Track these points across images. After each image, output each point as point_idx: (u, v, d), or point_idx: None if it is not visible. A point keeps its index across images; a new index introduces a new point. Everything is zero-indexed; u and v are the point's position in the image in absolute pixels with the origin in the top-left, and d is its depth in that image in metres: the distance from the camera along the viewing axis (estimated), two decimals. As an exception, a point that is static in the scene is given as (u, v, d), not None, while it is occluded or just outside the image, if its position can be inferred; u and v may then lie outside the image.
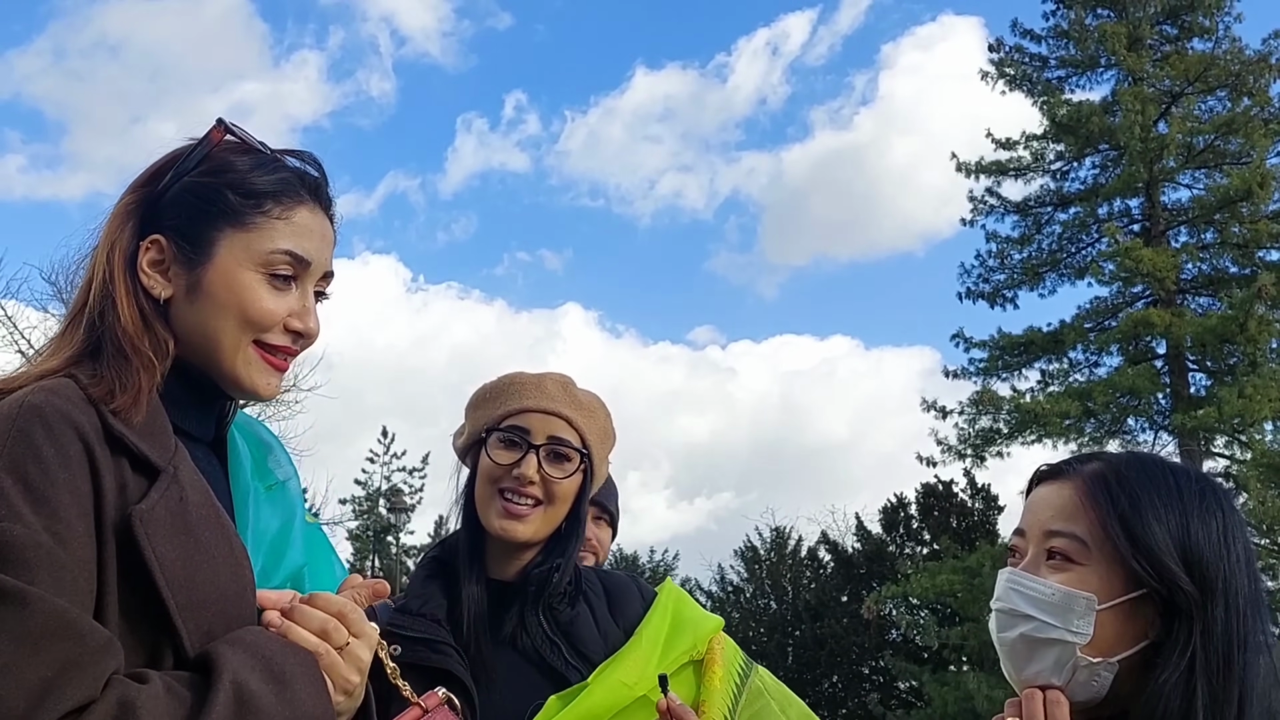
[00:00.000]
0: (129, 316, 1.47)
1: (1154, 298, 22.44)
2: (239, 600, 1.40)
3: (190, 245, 1.50)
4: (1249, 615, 1.48)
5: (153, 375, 1.45)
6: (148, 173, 1.56)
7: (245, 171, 1.53)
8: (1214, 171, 23.06)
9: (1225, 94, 22.97)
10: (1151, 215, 23.03)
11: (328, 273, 1.60)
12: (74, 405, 1.37)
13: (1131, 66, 22.81)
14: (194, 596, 1.35)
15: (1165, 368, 22.53)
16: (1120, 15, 23.63)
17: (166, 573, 1.33)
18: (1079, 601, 1.48)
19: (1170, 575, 1.46)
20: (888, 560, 28.23)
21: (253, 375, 1.53)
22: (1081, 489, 1.54)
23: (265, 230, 1.51)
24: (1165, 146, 22.03)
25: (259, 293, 1.51)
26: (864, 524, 30.22)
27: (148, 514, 1.34)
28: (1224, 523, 1.52)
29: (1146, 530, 1.48)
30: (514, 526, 2.09)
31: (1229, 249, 22.62)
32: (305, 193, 1.56)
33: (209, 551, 1.39)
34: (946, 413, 23.57)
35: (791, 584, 30.99)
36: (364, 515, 35.65)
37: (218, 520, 1.43)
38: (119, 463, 1.37)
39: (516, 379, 2.19)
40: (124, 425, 1.39)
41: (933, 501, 28.69)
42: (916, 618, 25.29)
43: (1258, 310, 20.12)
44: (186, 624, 1.34)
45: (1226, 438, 21.82)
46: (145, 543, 1.32)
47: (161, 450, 1.41)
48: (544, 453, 2.11)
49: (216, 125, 1.55)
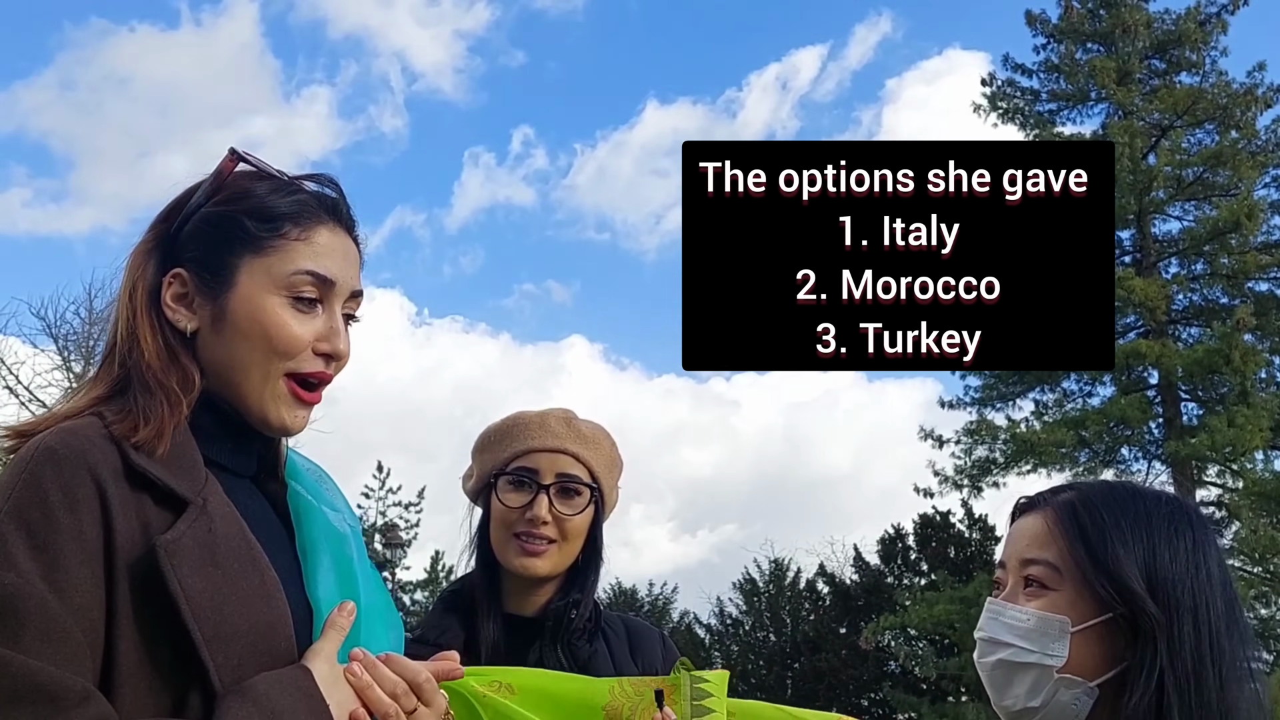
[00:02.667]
0: (153, 351, 1.46)
1: (1145, 328, 22.60)
2: (270, 633, 1.38)
3: (211, 275, 1.49)
4: (1223, 635, 1.50)
5: (177, 408, 1.44)
6: (164, 210, 1.56)
7: (261, 197, 1.52)
8: (1203, 203, 23.27)
9: (1213, 127, 23.19)
10: (1142, 246, 23.21)
11: (356, 292, 1.57)
12: (91, 444, 1.36)
13: (1121, 100, 23.06)
14: (222, 629, 1.33)
15: (1158, 397, 22.67)
16: (1109, 50, 23.90)
17: (193, 604, 1.32)
18: (1053, 625, 1.52)
19: (1134, 598, 1.49)
20: (886, 591, 28.21)
21: (280, 409, 1.50)
22: (1053, 517, 1.58)
23: (284, 252, 1.49)
24: (1155, 179, 22.24)
25: (283, 316, 1.48)
26: (862, 555, 30.25)
27: (173, 545, 1.33)
28: (1193, 543, 1.54)
29: (1110, 553, 1.52)
30: (533, 564, 2.13)
31: (1219, 280, 22.79)
32: (323, 213, 1.54)
33: (238, 583, 1.37)
34: (943, 442, 23.70)
35: (790, 616, 30.92)
36: (361, 551, 35.58)
37: (249, 553, 1.41)
38: (140, 499, 1.36)
39: (520, 419, 2.22)
40: (147, 460, 1.38)
41: (930, 532, 28.70)
42: (915, 649, 25.27)
43: (1242, 341, 20.28)
44: (215, 657, 1.32)
45: (1218, 467, 21.92)
46: (170, 573, 1.31)
47: (190, 482, 1.40)
48: (554, 491, 2.14)
49: (229, 155, 1.53)
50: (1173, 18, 23.91)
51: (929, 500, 24.97)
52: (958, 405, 24.31)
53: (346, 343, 1.54)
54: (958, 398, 24.32)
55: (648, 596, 34.27)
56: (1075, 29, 24.24)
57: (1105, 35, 23.99)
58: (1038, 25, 24.84)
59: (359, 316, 1.58)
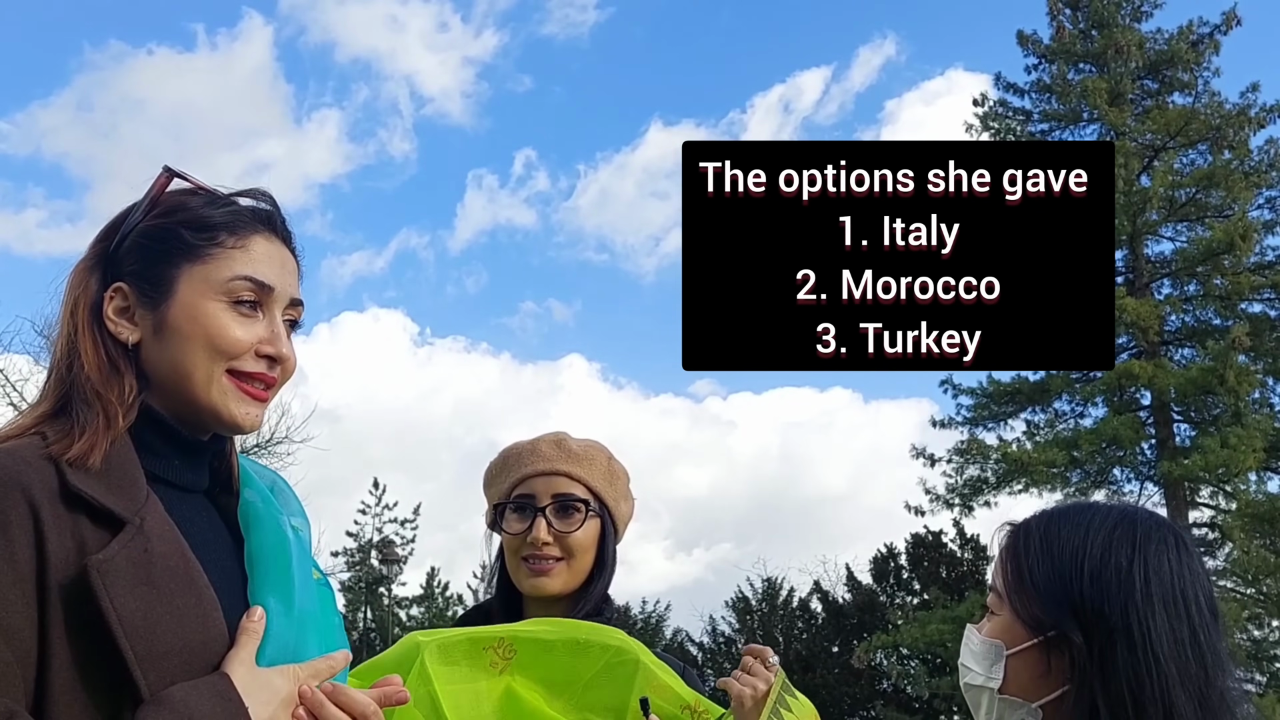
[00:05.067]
0: (94, 364, 1.48)
1: (1138, 349, 22.64)
2: (205, 651, 1.39)
3: (151, 286, 1.52)
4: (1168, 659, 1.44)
5: (115, 420, 1.45)
6: (104, 229, 1.59)
7: (196, 209, 1.55)
8: (1196, 224, 23.35)
9: (1206, 147, 23.29)
10: (1135, 267, 23.28)
11: (296, 300, 1.60)
12: (27, 465, 1.37)
13: (1114, 121, 23.14)
14: (155, 647, 1.35)
15: (1150, 418, 22.69)
16: (1102, 70, 24.01)
17: (125, 623, 1.33)
18: (992, 649, 1.56)
19: (1055, 620, 1.49)
20: (878, 610, 28.19)
21: (229, 405, 1.52)
22: (1003, 542, 1.61)
23: (222, 259, 1.52)
24: (1148, 200, 22.29)
25: (223, 320, 1.51)
26: (854, 574, 30.23)
27: (105, 564, 1.34)
28: (1131, 560, 1.49)
29: (1033, 577, 1.52)
30: (543, 583, 2.18)
31: (1211, 301, 22.84)
32: (258, 224, 1.57)
33: (173, 602, 1.38)
34: (935, 461, 23.70)
35: (783, 635, 30.88)
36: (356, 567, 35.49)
37: (186, 571, 1.42)
38: (76, 519, 1.37)
39: (513, 450, 2.28)
40: (84, 479, 1.39)
41: (922, 551, 28.72)
42: (907, 668, 25.25)
43: (1236, 361, 20.33)
44: (147, 675, 1.33)
45: (1211, 488, 21.94)
46: (101, 592, 1.32)
47: (128, 501, 1.41)
48: (550, 512, 2.19)
49: (163, 172, 1.57)
50: (1165, 38, 24.05)
51: (921, 519, 24.96)
52: (949, 424, 24.34)
53: (289, 346, 1.57)
54: (949, 417, 24.35)
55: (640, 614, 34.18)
56: (1067, 49, 24.35)
57: (1097, 56, 24.10)
58: (1029, 46, 24.97)
59: (302, 323, 1.62)
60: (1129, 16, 24.29)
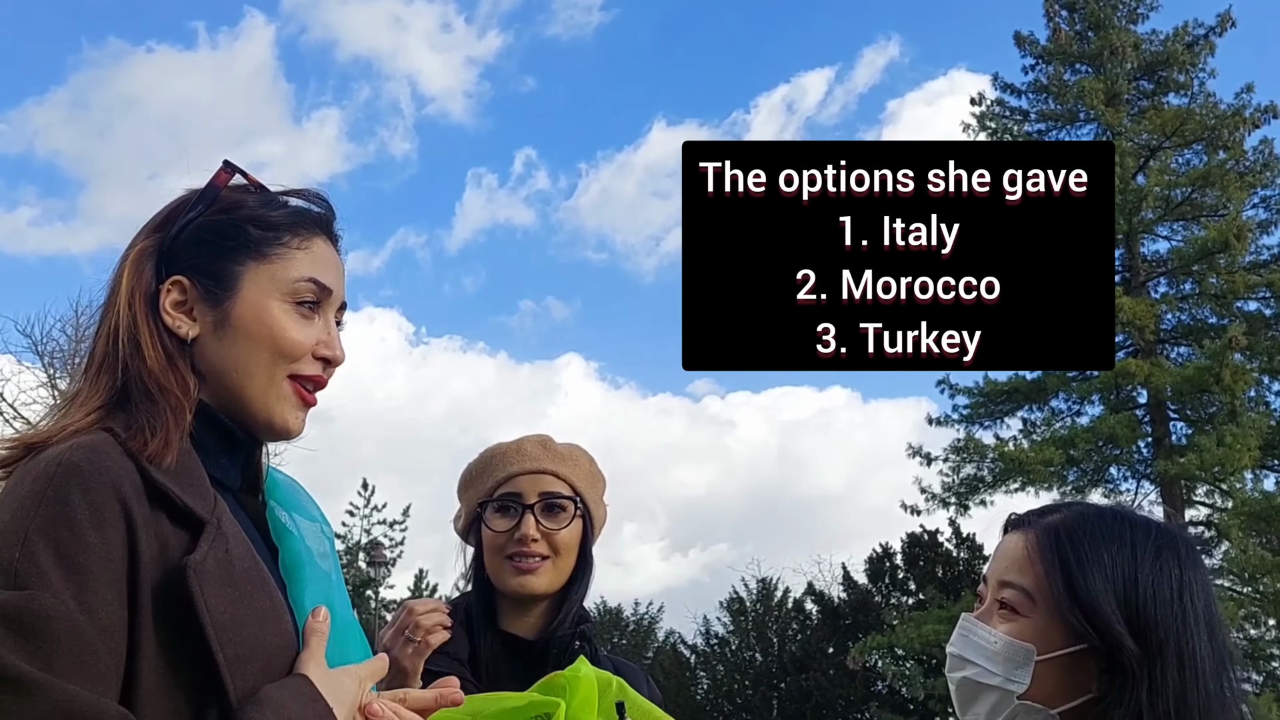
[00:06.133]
0: (154, 357, 1.46)
1: (1135, 347, 22.68)
2: (281, 655, 1.40)
3: (214, 281, 1.50)
4: (1209, 677, 1.47)
5: (181, 415, 1.44)
6: (157, 218, 1.56)
7: (257, 207, 1.55)
8: (1192, 224, 23.41)
9: (1201, 147, 23.35)
10: (1131, 266, 23.32)
11: (344, 304, 1.61)
12: (114, 462, 1.36)
13: (1110, 121, 23.19)
14: (241, 651, 1.35)
15: (1146, 416, 22.74)
16: (1098, 70, 24.06)
17: (217, 626, 1.33)
18: (1019, 651, 1.52)
19: (1112, 633, 1.47)
20: (874, 611, 28.20)
21: (284, 411, 1.52)
22: (1034, 542, 1.57)
23: (287, 260, 1.52)
24: (1144, 199, 22.34)
25: (288, 321, 1.51)
26: (850, 574, 30.23)
27: (200, 566, 1.34)
28: (1180, 580, 1.51)
29: (1089, 586, 1.50)
30: (529, 581, 2.18)
31: (1207, 300, 22.91)
32: (317, 226, 1.58)
33: (254, 605, 1.39)
34: (931, 460, 23.72)
35: (778, 635, 30.88)
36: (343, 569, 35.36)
37: (259, 574, 1.42)
38: (158, 517, 1.36)
39: (497, 450, 2.28)
40: (164, 477, 1.38)
41: (918, 551, 28.71)
42: (902, 668, 25.24)
43: (1232, 360, 20.38)
44: (234, 679, 1.33)
45: (1207, 486, 21.98)
46: (198, 595, 1.32)
47: (203, 501, 1.41)
48: (539, 510, 2.20)
49: (223, 167, 1.56)
50: (1160, 39, 24.10)
51: (917, 518, 24.99)
52: (946, 423, 24.36)
53: (342, 348, 1.58)
54: (946, 415, 24.37)
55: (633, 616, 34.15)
56: (1064, 50, 24.39)
57: (1094, 56, 24.14)
58: (1026, 46, 25.01)
59: (344, 324, 1.63)
60: (1125, 18, 24.34)
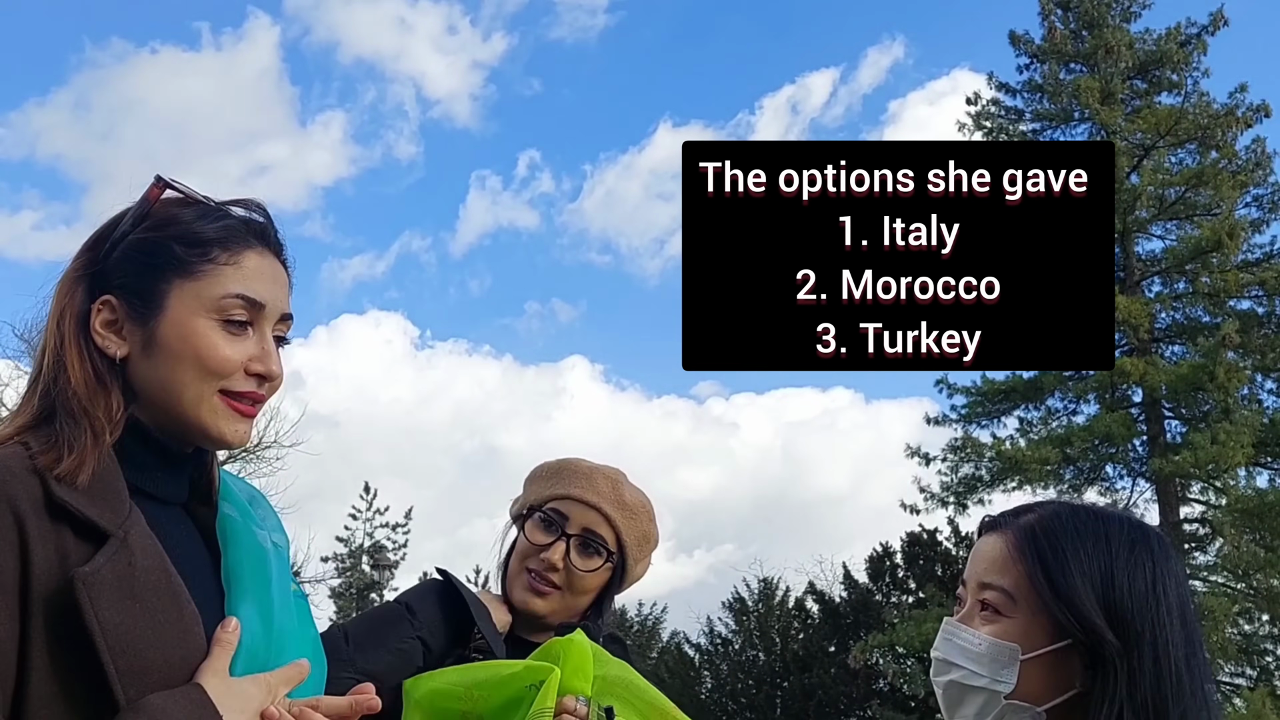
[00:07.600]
0: (79, 379, 1.46)
1: (1129, 346, 22.72)
2: (186, 667, 1.39)
3: (141, 301, 1.50)
4: (1183, 666, 1.50)
5: (102, 437, 1.44)
6: (91, 238, 1.56)
7: (189, 222, 1.52)
8: (1185, 223, 23.44)
9: (1195, 147, 23.38)
10: (1126, 265, 23.34)
11: (286, 315, 1.58)
12: (12, 475, 1.36)
13: (1104, 120, 23.21)
14: (137, 663, 1.34)
15: (1141, 415, 22.77)
16: (1092, 70, 24.08)
17: (109, 638, 1.32)
18: (1004, 652, 1.53)
19: (1092, 626, 1.50)
20: (874, 609, 28.20)
21: (219, 423, 1.51)
22: (1012, 541, 1.59)
23: (214, 277, 1.50)
24: (1138, 198, 22.38)
25: (214, 339, 1.50)
26: (850, 573, 30.23)
27: (91, 577, 1.33)
28: (1154, 573, 1.54)
29: (1068, 582, 1.52)
30: (534, 601, 2.18)
31: (1200, 298, 22.93)
32: (251, 237, 1.55)
33: (155, 617, 1.37)
34: (929, 460, 23.75)
35: (780, 635, 30.87)
36: (347, 573, 35.38)
37: (169, 586, 1.41)
38: (60, 531, 1.36)
39: (570, 464, 2.27)
40: (69, 491, 1.38)
41: (918, 550, 28.69)
42: (903, 667, 25.26)
43: (1226, 358, 20.43)
44: (127, 691, 1.32)
45: (1202, 484, 22.02)
46: (86, 606, 1.31)
47: (112, 514, 1.40)
48: (574, 542, 2.18)
49: (155, 182, 1.54)
50: (1154, 39, 24.12)
51: (916, 517, 25.02)
52: (944, 422, 24.39)
53: (278, 364, 1.55)
54: (944, 415, 24.40)
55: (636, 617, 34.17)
56: (1058, 49, 24.42)
57: (1088, 56, 24.17)
58: (1021, 46, 25.04)
59: (290, 338, 1.60)
60: (1119, 17, 24.37)
